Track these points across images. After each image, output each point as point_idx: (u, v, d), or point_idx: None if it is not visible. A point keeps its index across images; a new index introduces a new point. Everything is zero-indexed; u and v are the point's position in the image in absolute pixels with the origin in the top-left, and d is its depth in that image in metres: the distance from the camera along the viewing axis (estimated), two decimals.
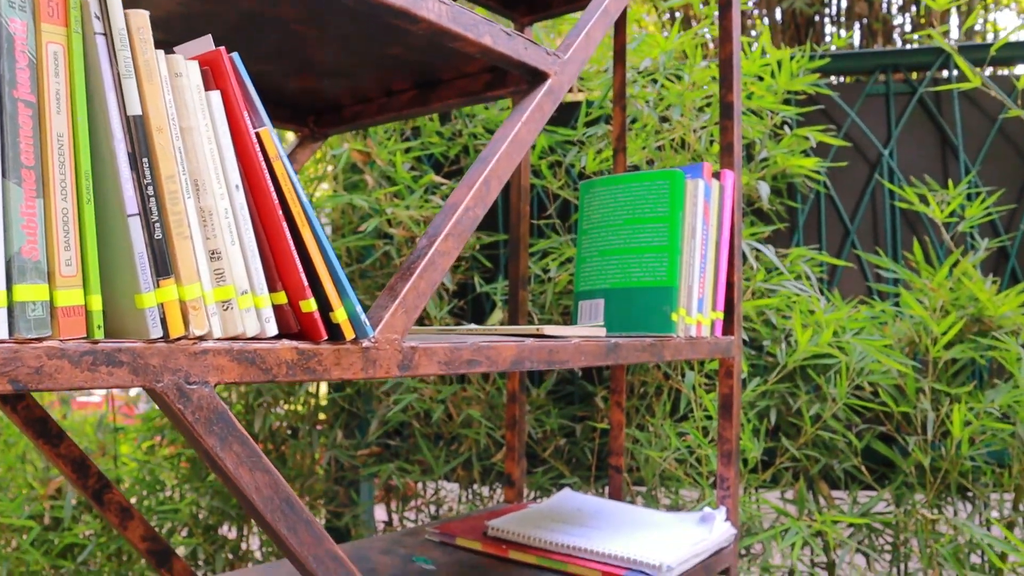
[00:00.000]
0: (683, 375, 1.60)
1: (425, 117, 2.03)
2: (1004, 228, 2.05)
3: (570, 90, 2.34)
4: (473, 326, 1.03)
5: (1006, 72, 2.32)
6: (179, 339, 0.52)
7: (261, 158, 0.57)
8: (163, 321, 0.51)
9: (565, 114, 2.21)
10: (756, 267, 1.59)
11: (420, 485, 1.95)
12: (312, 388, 1.84)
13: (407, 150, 1.95)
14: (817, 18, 3.44)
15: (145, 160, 0.50)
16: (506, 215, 2.13)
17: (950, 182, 1.79)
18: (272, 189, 0.57)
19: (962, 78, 2.10)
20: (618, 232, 1.13)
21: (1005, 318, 1.65)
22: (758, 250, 1.66)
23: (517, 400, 1.45)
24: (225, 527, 2.33)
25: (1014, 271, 2.04)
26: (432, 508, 1.89)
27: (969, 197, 2.03)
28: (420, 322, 1.98)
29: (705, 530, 1.15)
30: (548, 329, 0.86)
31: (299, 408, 1.95)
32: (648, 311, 1.09)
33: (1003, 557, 1.55)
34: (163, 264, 0.51)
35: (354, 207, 1.93)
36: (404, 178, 1.83)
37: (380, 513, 2.97)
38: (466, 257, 1.99)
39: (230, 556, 1.91)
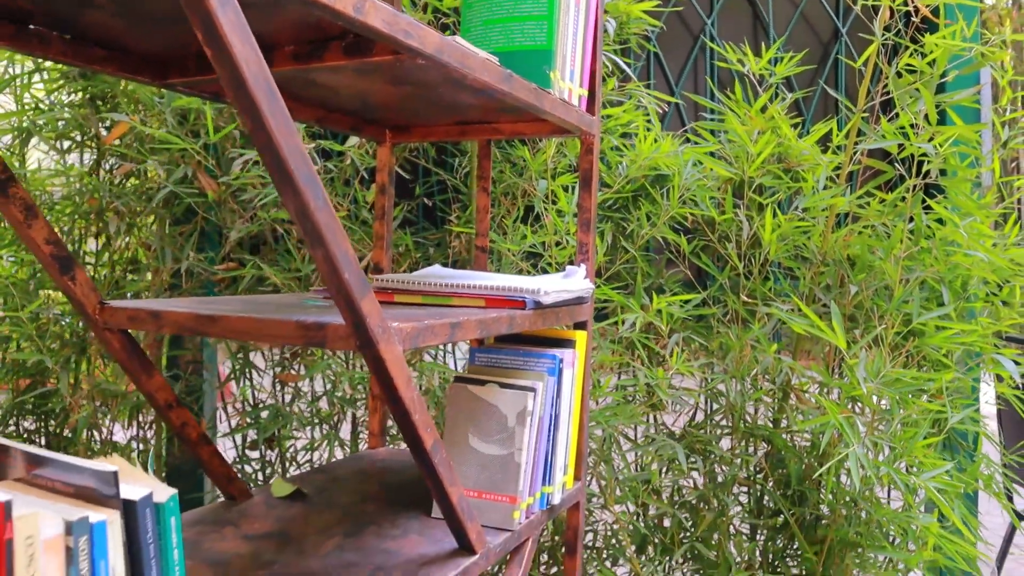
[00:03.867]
0: (537, 182, 1.74)
1: None
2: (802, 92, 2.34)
3: None
4: None
5: None
6: None
7: None
8: None
9: None
10: (612, 70, 1.74)
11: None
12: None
13: None
14: None
15: None
16: None
17: (762, 46, 2.02)
18: None
19: None
20: (501, 4, 1.23)
21: (804, 155, 1.91)
22: (611, 58, 1.81)
23: (386, 192, 1.53)
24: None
25: (808, 131, 2.33)
26: None
27: (775, 63, 2.29)
28: None
29: (569, 281, 1.29)
30: (459, 39, 0.95)
31: (147, 234, 1.91)
32: (529, 71, 1.20)
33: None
34: None
35: None
36: None
37: None
38: None
39: None
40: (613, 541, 1.72)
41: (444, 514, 0.99)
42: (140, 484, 0.60)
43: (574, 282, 1.29)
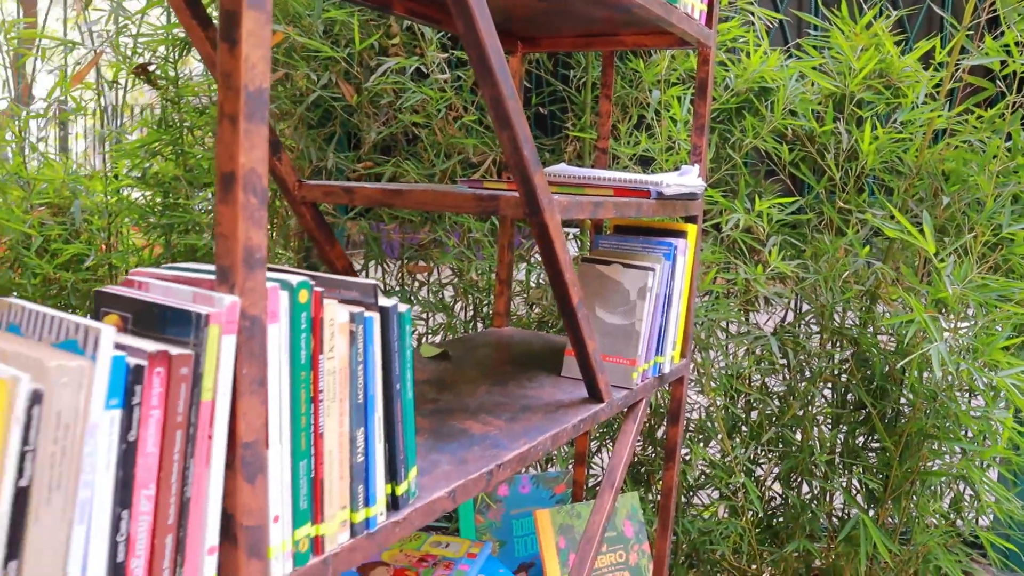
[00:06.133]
0: (650, 92, 1.88)
1: None
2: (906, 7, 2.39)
3: None
4: None
5: None
6: None
7: None
8: None
9: None
10: None
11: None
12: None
13: None
14: None
15: None
16: None
17: None
18: None
19: None
20: None
21: (905, 72, 1.99)
22: None
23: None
24: None
25: (911, 49, 2.38)
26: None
27: None
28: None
29: (684, 178, 1.45)
30: None
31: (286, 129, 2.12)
32: None
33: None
34: None
35: None
36: None
37: None
38: None
39: None
40: (707, 423, 1.91)
41: (580, 363, 1.18)
42: (385, 299, 0.80)
43: (689, 179, 1.44)
